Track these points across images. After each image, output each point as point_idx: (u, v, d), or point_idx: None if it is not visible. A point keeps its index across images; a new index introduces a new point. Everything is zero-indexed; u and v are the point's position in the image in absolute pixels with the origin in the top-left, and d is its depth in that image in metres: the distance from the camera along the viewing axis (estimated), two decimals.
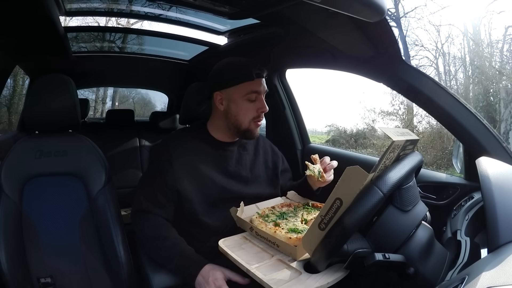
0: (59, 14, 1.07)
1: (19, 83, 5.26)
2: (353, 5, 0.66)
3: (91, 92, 6.56)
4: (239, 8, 0.85)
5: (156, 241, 0.88)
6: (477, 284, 0.43)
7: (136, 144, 2.06)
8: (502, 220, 0.58)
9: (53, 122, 1.04)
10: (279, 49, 1.29)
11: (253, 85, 0.92)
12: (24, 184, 0.99)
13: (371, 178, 0.59)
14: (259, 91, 0.93)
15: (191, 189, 0.92)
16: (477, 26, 6.28)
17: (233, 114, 0.94)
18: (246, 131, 0.95)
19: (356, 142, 6.39)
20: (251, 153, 1.04)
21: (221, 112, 0.96)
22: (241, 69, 0.92)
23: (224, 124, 0.97)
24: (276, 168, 1.07)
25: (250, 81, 0.91)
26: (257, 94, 0.93)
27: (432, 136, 5.62)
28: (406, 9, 6.67)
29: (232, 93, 0.93)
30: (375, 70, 1.02)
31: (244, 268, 0.69)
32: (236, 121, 0.94)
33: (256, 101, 0.93)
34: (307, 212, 0.90)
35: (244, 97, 0.92)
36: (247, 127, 0.94)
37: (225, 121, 0.96)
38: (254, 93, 0.92)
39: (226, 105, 0.94)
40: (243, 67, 0.92)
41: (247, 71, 0.91)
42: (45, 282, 0.96)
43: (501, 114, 5.00)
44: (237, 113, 0.93)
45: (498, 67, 5.79)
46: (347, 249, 0.58)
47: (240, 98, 0.92)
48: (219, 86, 0.94)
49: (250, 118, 0.94)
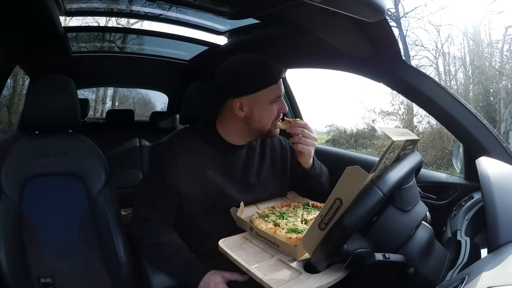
0: (59, 14, 1.07)
1: (19, 83, 5.26)
2: (353, 5, 0.66)
3: (91, 92, 6.55)
4: (239, 8, 0.85)
5: (156, 248, 0.87)
6: (477, 284, 0.43)
7: (136, 144, 2.06)
8: (502, 220, 0.58)
9: (53, 122, 1.04)
10: (279, 49, 1.29)
11: (277, 89, 0.88)
12: (24, 184, 0.99)
13: (371, 178, 0.58)
14: (281, 94, 0.90)
15: (193, 192, 0.89)
16: (477, 26, 6.29)
17: (257, 119, 0.89)
18: (269, 132, 0.92)
19: (356, 142, 6.40)
20: (259, 155, 1.00)
21: (240, 118, 0.90)
22: (263, 74, 0.87)
23: (242, 128, 0.92)
24: (285, 166, 1.03)
25: (275, 84, 0.87)
26: (279, 97, 0.90)
27: (432, 136, 5.62)
28: (406, 9, 6.68)
29: (256, 100, 0.88)
30: (375, 70, 1.01)
31: (244, 268, 0.69)
32: (259, 125, 0.90)
33: (277, 103, 0.90)
34: (307, 212, 0.90)
35: (270, 102, 0.88)
36: (270, 128, 0.91)
37: (245, 126, 0.91)
38: (277, 97, 0.89)
39: (248, 111, 0.88)
40: (265, 69, 0.87)
41: (270, 74, 0.87)
42: (45, 282, 0.96)
43: (501, 114, 5.01)
44: (261, 118, 0.89)
45: (498, 67, 5.79)
46: (347, 249, 0.58)
47: (265, 102, 0.88)
48: (238, 92, 0.88)
49: (273, 120, 0.91)
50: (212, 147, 0.92)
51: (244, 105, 0.88)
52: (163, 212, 0.89)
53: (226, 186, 0.91)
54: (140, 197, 0.93)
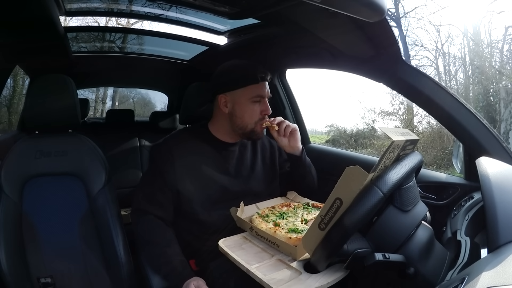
0: (59, 14, 1.07)
1: (19, 83, 5.26)
2: (353, 5, 0.66)
3: (91, 92, 6.54)
4: (239, 8, 0.86)
5: (148, 247, 0.90)
6: (477, 284, 0.43)
7: (136, 144, 2.06)
8: (502, 220, 0.58)
9: (53, 122, 1.04)
10: (279, 49, 1.29)
11: (258, 88, 0.93)
12: (24, 184, 0.99)
13: (371, 178, 0.58)
14: (264, 95, 0.95)
15: (192, 189, 0.92)
16: (477, 26, 6.29)
17: (239, 116, 0.95)
18: (252, 132, 0.96)
19: (356, 142, 6.39)
20: (251, 152, 1.05)
21: (225, 115, 0.97)
22: (246, 72, 0.93)
23: (228, 126, 0.98)
24: (274, 162, 1.09)
25: (255, 84, 0.93)
26: (262, 97, 0.95)
27: (432, 136, 5.61)
28: (406, 9, 6.66)
29: (238, 96, 0.94)
30: (375, 70, 1.02)
31: (244, 268, 0.69)
32: (241, 123, 0.95)
33: (260, 104, 0.95)
34: (307, 212, 0.90)
35: (249, 100, 0.93)
36: (253, 128, 0.96)
37: (229, 123, 0.97)
38: (258, 97, 0.94)
39: (231, 107, 0.95)
40: (248, 70, 0.94)
41: (252, 74, 0.92)
42: (45, 282, 0.96)
43: (501, 114, 5.00)
44: (242, 115, 0.95)
45: (498, 67, 5.79)
46: (347, 249, 0.58)
47: (246, 100, 0.94)
48: (223, 89, 0.95)
49: (256, 120, 0.95)
50: (207, 145, 0.98)
51: (228, 102, 0.96)
52: (162, 206, 0.92)
53: (222, 179, 0.96)
54: (140, 191, 0.96)
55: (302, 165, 1.03)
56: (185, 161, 0.94)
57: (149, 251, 0.90)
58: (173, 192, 0.92)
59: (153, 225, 0.91)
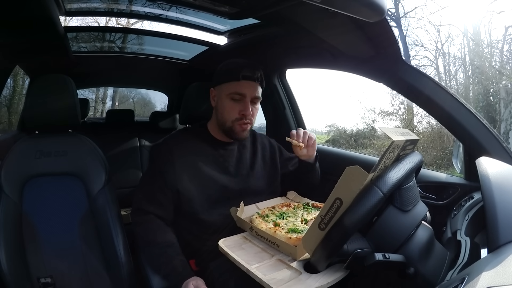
0: (59, 14, 1.07)
1: (19, 83, 5.26)
2: (353, 5, 0.66)
3: (91, 92, 6.56)
4: (239, 8, 0.86)
5: (148, 247, 0.90)
6: (477, 284, 0.43)
7: (136, 144, 2.06)
8: (502, 220, 0.58)
9: (53, 122, 1.04)
10: (279, 49, 1.29)
11: (237, 86, 0.93)
12: (24, 184, 0.99)
13: (371, 178, 0.58)
14: (244, 93, 0.93)
15: (192, 188, 0.92)
16: (477, 26, 6.29)
17: (220, 111, 0.97)
18: (230, 130, 0.95)
19: (356, 142, 6.39)
20: (251, 151, 1.06)
21: (214, 110, 1.00)
22: (230, 69, 0.94)
23: (216, 123, 0.99)
24: (274, 161, 1.09)
25: (236, 82, 0.92)
26: (241, 96, 0.93)
27: (432, 136, 5.61)
28: (406, 9, 6.68)
29: (221, 91, 0.96)
30: (375, 70, 1.02)
31: (244, 268, 0.69)
32: (221, 119, 0.96)
33: (240, 103, 0.93)
34: (307, 212, 0.90)
35: (228, 96, 0.94)
36: (230, 126, 0.95)
37: (216, 118, 0.99)
38: (237, 95, 0.93)
39: (216, 101, 0.98)
40: (233, 67, 0.94)
41: (235, 71, 0.93)
42: (45, 282, 0.96)
43: (501, 114, 5.00)
44: (222, 111, 0.96)
45: (498, 67, 5.79)
46: (347, 249, 0.58)
47: (225, 96, 0.94)
48: (214, 83, 0.99)
49: (233, 118, 0.94)
50: (206, 145, 0.99)
51: (215, 95, 0.99)
52: (162, 206, 0.92)
53: (222, 178, 0.96)
54: (140, 190, 0.96)
55: (313, 170, 1.04)
56: (185, 161, 0.94)
57: (149, 250, 0.90)
58: (173, 192, 0.92)
59: (153, 225, 0.91)
